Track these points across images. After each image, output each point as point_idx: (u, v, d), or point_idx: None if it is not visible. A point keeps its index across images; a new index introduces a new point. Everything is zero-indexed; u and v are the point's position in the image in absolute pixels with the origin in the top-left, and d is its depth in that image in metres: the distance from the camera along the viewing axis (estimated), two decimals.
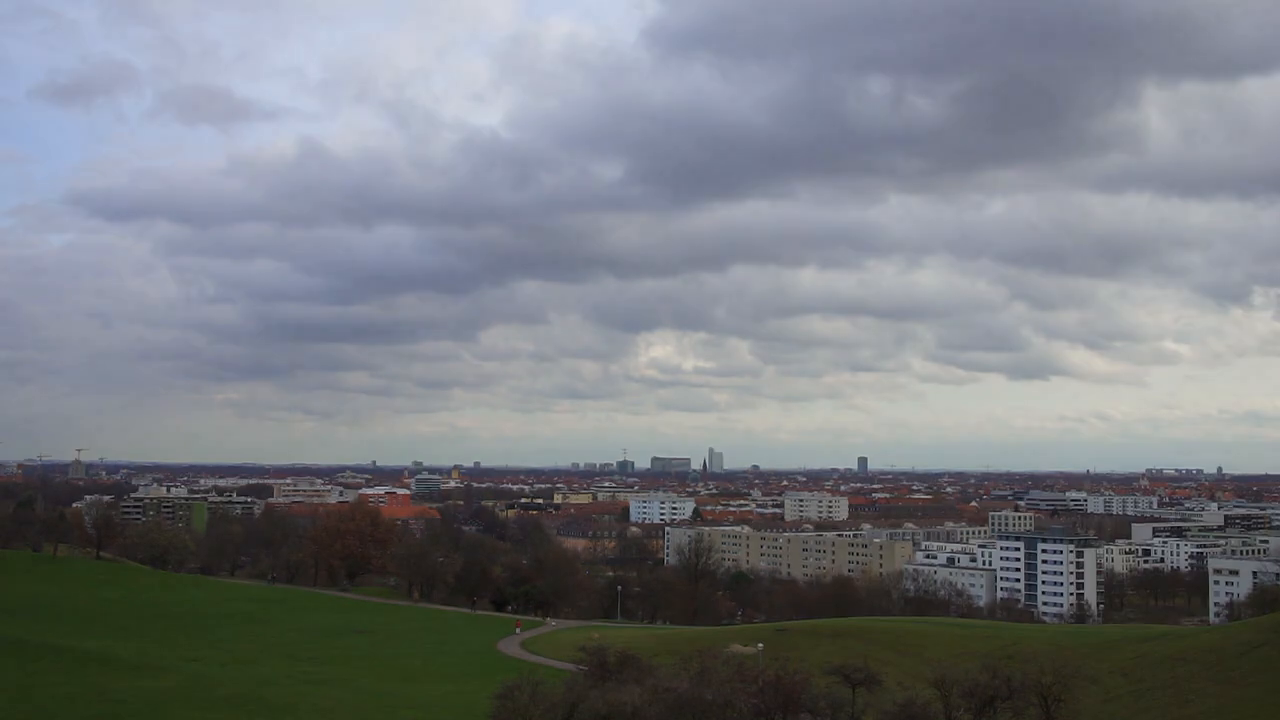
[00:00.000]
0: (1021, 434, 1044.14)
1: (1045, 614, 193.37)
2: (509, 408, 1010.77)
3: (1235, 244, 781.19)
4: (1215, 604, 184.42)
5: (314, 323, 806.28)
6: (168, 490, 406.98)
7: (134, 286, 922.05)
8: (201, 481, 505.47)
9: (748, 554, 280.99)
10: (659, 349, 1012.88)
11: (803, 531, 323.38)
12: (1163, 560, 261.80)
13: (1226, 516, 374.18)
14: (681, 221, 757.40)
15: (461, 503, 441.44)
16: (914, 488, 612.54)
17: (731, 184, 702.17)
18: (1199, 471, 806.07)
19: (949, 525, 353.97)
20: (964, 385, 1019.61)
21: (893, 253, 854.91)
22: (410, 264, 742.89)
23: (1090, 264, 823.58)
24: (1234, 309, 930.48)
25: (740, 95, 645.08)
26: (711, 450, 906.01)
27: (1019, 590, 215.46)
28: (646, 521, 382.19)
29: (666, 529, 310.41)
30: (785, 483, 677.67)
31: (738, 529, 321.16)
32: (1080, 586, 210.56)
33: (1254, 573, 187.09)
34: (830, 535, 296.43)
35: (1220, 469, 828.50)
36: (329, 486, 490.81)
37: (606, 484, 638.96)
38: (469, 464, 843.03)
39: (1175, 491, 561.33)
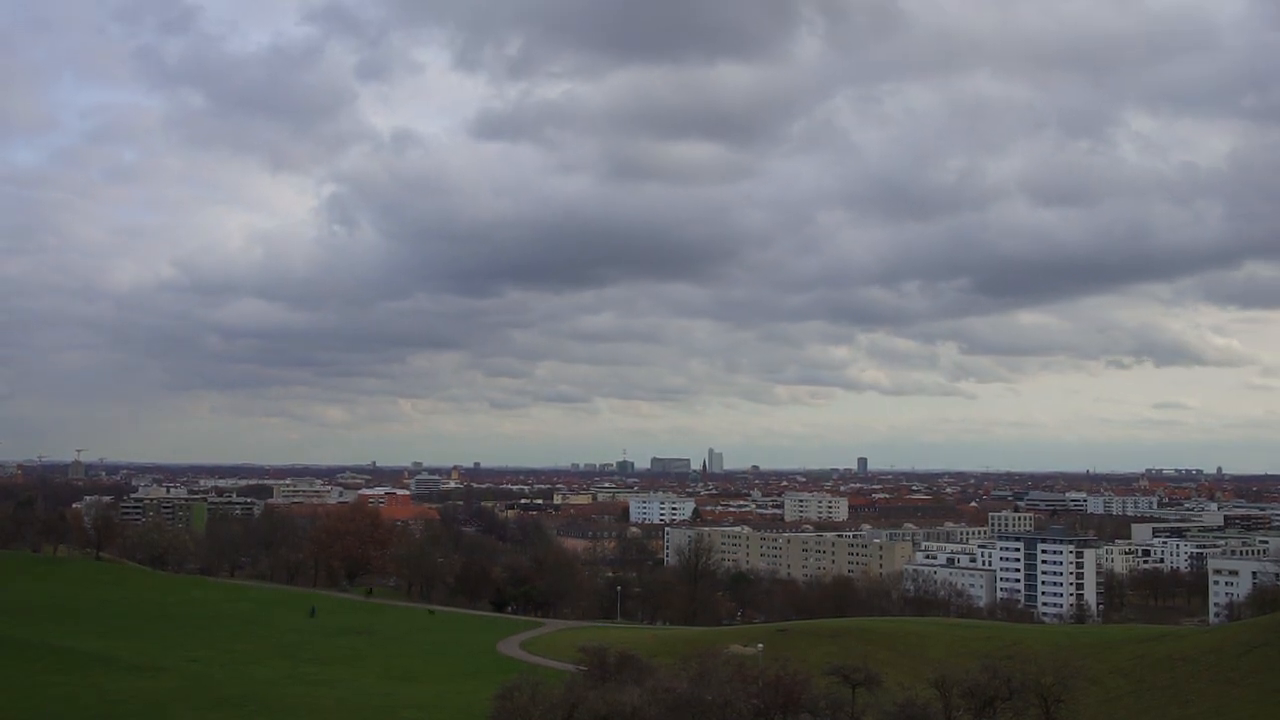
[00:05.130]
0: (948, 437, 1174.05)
1: (1045, 614, 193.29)
2: (473, 412, 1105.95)
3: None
4: (1215, 604, 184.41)
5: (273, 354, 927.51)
6: (167, 491, 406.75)
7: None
8: (201, 482, 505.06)
9: (747, 554, 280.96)
10: (546, 369, 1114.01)
11: (802, 532, 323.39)
12: (1162, 560, 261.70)
13: (1226, 517, 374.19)
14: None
15: (461, 503, 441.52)
16: (914, 488, 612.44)
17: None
18: (1199, 472, 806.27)
19: (949, 526, 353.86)
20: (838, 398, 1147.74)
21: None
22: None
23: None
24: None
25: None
26: (711, 450, 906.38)
27: (1019, 590, 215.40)
28: (646, 522, 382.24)
29: (666, 529, 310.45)
30: (785, 483, 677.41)
31: (738, 529, 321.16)
32: (1080, 587, 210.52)
33: (1254, 573, 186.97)
34: (830, 536, 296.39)
35: (1220, 469, 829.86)
36: (329, 487, 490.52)
37: (606, 484, 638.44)
38: (468, 464, 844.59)
39: (1175, 492, 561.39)
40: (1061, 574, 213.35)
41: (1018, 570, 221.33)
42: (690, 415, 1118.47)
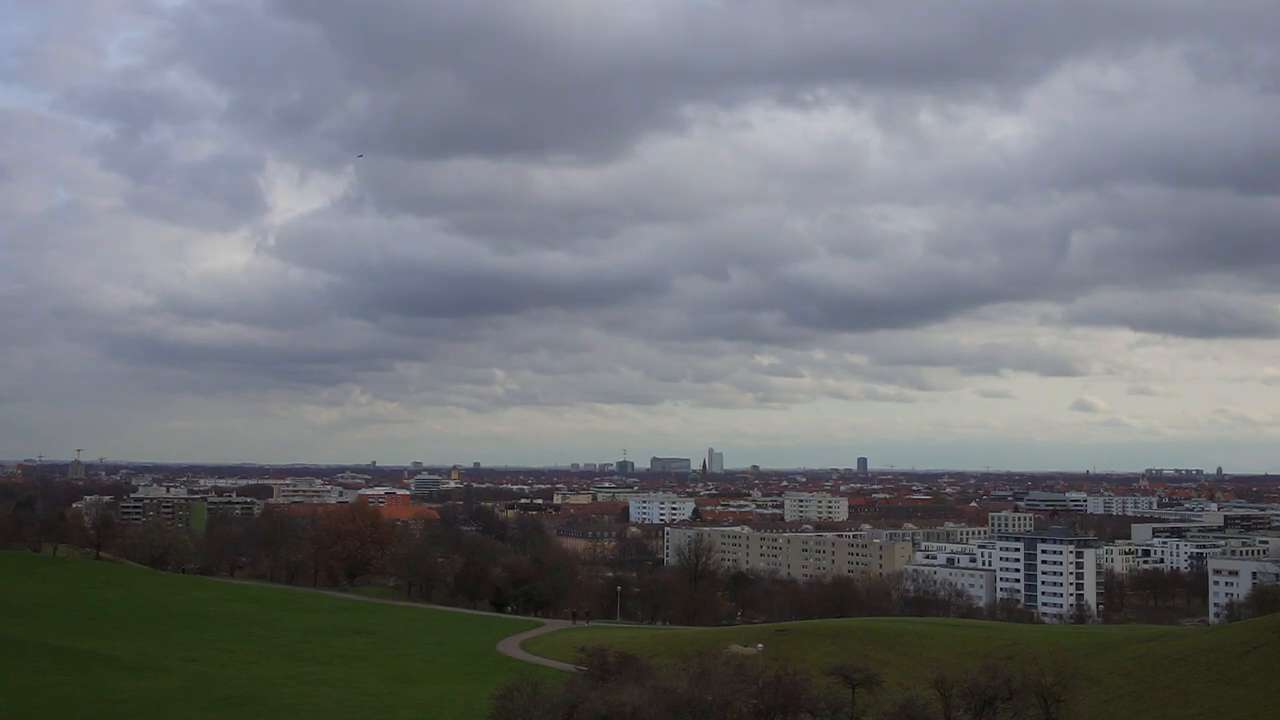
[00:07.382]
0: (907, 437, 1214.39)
1: (1045, 614, 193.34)
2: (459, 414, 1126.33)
3: None
4: (1215, 604, 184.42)
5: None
6: (167, 490, 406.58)
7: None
8: (201, 482, 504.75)
9: (747, 554, 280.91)
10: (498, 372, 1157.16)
11: (802, 532, 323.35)
12: (1162, 561, 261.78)
13: (1226, 517, 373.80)
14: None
15: (461, 503, 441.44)
16: (914, 488, 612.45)
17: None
18: (1198, 472, 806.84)
19: (949, 526, 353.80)
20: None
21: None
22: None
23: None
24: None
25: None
26: (711, 450, 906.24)
27: (1019, 591, 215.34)
28: (646, 522, 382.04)
29: (666, 529, 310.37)
30: (785, 483, 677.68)
31: (737, 529, 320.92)
32: (1080, 587, 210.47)
33: (1253, 573, 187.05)
34: (830, 536, 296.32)
35: (1220, 469, 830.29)
36: (329, 487, 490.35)
37: (606, 484, 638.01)
38: (468, 464, 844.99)
39: (1175, 492, 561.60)
40: (1061, 574, 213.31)
41: (1018, 570, 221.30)
42: (659, 417, 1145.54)
